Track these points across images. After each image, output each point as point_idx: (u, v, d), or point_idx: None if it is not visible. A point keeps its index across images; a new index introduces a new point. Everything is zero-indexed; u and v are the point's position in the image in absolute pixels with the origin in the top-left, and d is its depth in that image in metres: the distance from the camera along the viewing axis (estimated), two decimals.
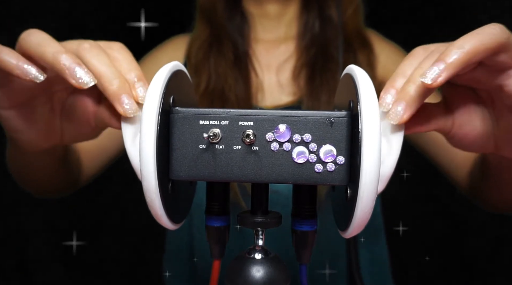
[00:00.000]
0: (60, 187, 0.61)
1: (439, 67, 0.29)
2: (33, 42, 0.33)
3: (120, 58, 0.35)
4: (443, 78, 0.29)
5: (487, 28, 0.31)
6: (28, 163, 0.51)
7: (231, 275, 0.34)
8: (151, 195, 0.30)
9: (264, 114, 0.31)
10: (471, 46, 0.29)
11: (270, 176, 0.31)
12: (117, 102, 0.33)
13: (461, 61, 0.29)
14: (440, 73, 0.29)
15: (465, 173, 0.62)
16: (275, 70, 0.71)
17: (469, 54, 0.29)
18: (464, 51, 0.29)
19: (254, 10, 0.74)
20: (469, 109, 0.35)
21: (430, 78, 0.29)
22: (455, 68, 0.29)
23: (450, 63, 0.29)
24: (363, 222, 0.30)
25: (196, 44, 0.72)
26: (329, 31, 0.70)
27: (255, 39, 0.74)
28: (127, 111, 0.33)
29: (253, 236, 0.35)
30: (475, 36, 0.30)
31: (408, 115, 0.31)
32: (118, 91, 0.33)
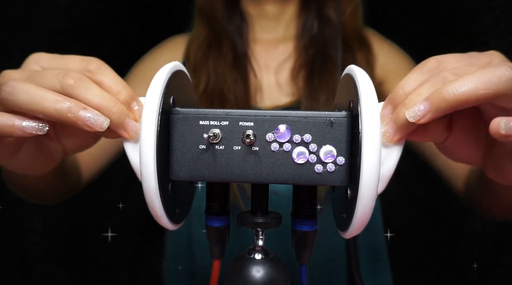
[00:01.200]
0: (60, 194, 0.61)
1: (424, 107, 0.29)
2: (23, 101, 0.31)
3: (105, 80, 0.34)
4: (425, 120, 0.29)
5: (490, 73, 0.28)
6: (27, 182, 0.50)
7: (231, 275, 0.34)
8: (151, 195, 0.30)
9: (264, 115, 0.31)
10: (463, 93, 0.28)
11: (270, 176, 0.31)
12: (122, 129, 0.32)
13: (448, 107, 0.29)
14: (423, 114, 0.29)
15: (462, 181, 0.62)
16: (273, 70, 0.71)
17: (457, 101, 0.28)
18: (453, 98, 0.28)
19: (252, 11, 0.74)
20: (467, 128, 0.34)
21: (412, 117, 0.29)
22: (440, 112, 0.29)
23: (436, 108, 0.29)
24: (363, 222, 0.30)
25: (195, 44, 0.72)
26: (327, 32, 0.70)
27: (253, 39, 0.74)
28: (132, 134, 0.32)
29: (253, 236, 0.35)
30: (472, 81, 0.28)
31: (398, 138, 0.31)
32: (120, 118, 0.32)
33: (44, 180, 0.50)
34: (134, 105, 0.33)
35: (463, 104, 0.28)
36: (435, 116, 0.29)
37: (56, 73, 0.32)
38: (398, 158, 0.31)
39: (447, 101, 0.28)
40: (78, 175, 0.63)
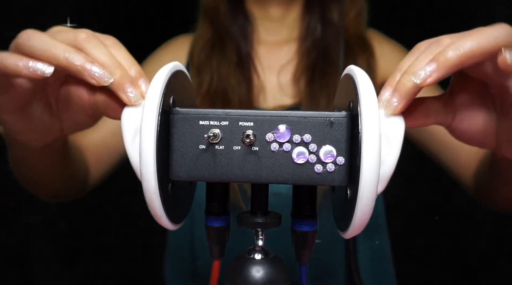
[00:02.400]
0: (67, 189, 0.61)
1: (430, 67, 0.29)
2: (38, 47, 0.33)
3: (117, 54, 0.35)
4: (432, 79, 0.30)
5: (489, 30, 0.30)
6: (31, 162, 0.51)
7: (231, 275, 0.34)
8: (151, 195, 0.30)
9: (264, 115, 0.31)
10: (467, 49, 0.29)
11: (270, 176, 0.31)
12: (121, 91, 0.33)
13: (454, 63, 0.29)
14: (430, 74, 0.30)
15: (471, 173, 0.62)
16: (276, 72, 0.71)
17: (463, 57, 0.29)
18: (459, 54, 0.29)
19: (256, 12, 0.74)
20: (473, 104, 0.35)
21: (419, 78, 0.30)
22: (447, 69, 0.29)
23: (442, 65, 0.29)
24: (363, 222, 0.30)
25: (199, 45, 0.73)
26: (330, 35, 0.70)
27: (257, 40, 0.74)
28: (131, 99, 0.33)
29: (253, 236, 0.35)
30: (474, 37, 0.29)
31: (402, 106, 0.31)
32: (121, 80, 0.33)
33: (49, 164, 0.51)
34: (141, 83, 0.34)
35: (468, 60, 0.29)
36: (442, 75, 0.29)
37: (71, 31, 0.35)
38: (397, 157, 0.31)
39: (452, 58, 0.29)
40: (85, 175, 0.63)
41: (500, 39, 0.29)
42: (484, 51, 0.29)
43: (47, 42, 0.33)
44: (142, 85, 0.34)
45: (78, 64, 0.32)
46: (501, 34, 0.30)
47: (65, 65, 0.32)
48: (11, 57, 0.32)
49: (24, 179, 0.57)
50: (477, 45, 0.29)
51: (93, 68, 0.32)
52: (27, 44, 0.33)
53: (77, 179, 0.61)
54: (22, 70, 0.32)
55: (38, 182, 0.58)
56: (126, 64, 0.35)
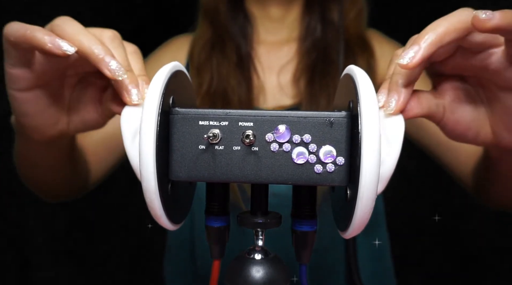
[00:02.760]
0: (68, 188, 0.61)
1: (413, 49, 0.31)
2: (68, 31, 0.35)
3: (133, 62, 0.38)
4: (417, 58, 0.31)
5: (458, 12, 0.32)
6: (33, 159, 0.51)
7: (231, 276, 0.34)
8: (151, 195, 0.30)
9: (263, 115, 0.31)
10: (442, 28, 0.31)
11: (269, 176, 0.31)
12: (124, 90, 0.35)
13: (434, 41, 0.31)
14: (415, 55, 0.31)
15: (469, 171, 0.62)
16: (276, 72, 0.71)
17: (440, 35, 0.31)
18: (437, 33, 0.31)
19: (256, 12, 0.74)
20: (458, 97, 0.36)
21: (406, 59, 0.31)
22: (429, 48, 0.31)
23: (424, 44, 0.31)
24: (363, 222, 0.30)
25: (199, 45, 0.72)
26: (330, 35, 0.70)
27: (257, 40, 0.74)
28: (133, 100, 0.34)
29: (253, 236, 0.35)
30: (446, 19, 0.32)
31: (402, 102, 0.33)
32: (127, 81, 0.35)
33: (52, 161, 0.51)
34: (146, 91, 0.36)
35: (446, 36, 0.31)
36: (427, 53, 0.31)
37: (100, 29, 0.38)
38: (397, 157, 0.31)
39: (431, 38, 0.31)
40: (86, 174, 0.63)
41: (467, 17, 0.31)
42: (457, 28, 0.31)
43: (78, 29, 0.35)
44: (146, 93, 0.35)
45: (99, 54, 0.34)
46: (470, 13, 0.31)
47: (87, 52, 0.34)
48: (41, 31, 0.34)
49: (25, 176, 0.57)
50: (450, 23, 0.31)
51: (111, 62, 0.34)
52: (60, 26, 0.35)
53: (78, 179, 0.61)
54: (47, 43, 0.33)
55: (40, 180, 0.58)
56: (137, 73, 0.37)
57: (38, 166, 0.53)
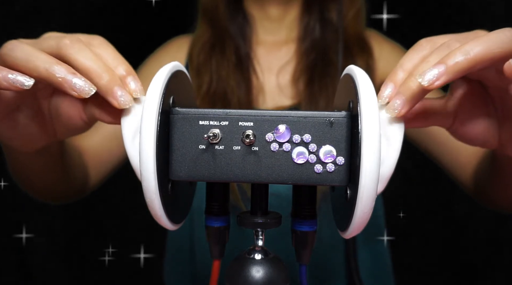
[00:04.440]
0: (65, 191, 0.61)
1: (439, 69, 0.29)
2: (19, 58, 0.32)
3: (103, 54, 0.34)
4: (440, 82, 0.29)
5: (499, 34, 0.29)
6: (25, 165, 0.50)
7: (231, 276, 0.34)
8: (151, 195, 0.30)
9: (263, 115, 0.31)
10: (477, 54, 0.29)
11: (269, 176, 0.31)
12: (110, 96, 0.32)
13: (464, 67, 0.29)
14: (438, 77, 0.29)
15: (469, 172, 0.62)
16: (275, 72, 0.71)
17: (473, 61, 0.29)
18: (469, 58, 0.28)
19: (255, 13, 0.74)
20: (474, 106, 0.35)
21: (427, 80, 0.29)
22: (456, 73, 0.29)
23: (451, 69, 0.29)
24: (363, 222, 0.30)
25: (198, 45, 0.72)
26: (329, 35, 0.70)
27: (256, 41, 0.74)
28: (121, 103, 0.32)
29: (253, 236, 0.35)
30: (484, 42, 0.29)
31: (406, 110, 0.31)
32: (109, 84, 0.32)
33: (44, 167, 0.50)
34: (130, 80, 0.33)
35: (478, 64, 0.29)
36: (450, 79, 0.29)
37: (56, 36, 0.34)
38: (397, 157, 0.31)
39: (462, 63, 0.28)
40: (85, 177, 0.63)
41: (507, 44, 0.29)
42: (493, 56, 0.29)
43: (29, 52, 0.32)
44: (131, 83, 0.33)
45: (59, 76, 0.31)
46: (507, 38, 0.29)
47: (45, 77, 0.32)
48: None
49: (20, 182, 0.57)
50: (487, 50, 0.29)
51: (74, 80, 0.31)
52: (10, 55, 0.32)
53: (76, 182, 0.61)
54: (1, 82, 0.31)
55: (35, 185, 0.57)
56: (113, 63, 0.34)
57: (30, 172, 0.52)
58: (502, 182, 0.50)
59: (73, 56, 0.33)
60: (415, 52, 0.33)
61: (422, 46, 0.33)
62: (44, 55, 0.32)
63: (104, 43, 0.36)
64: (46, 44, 0.34)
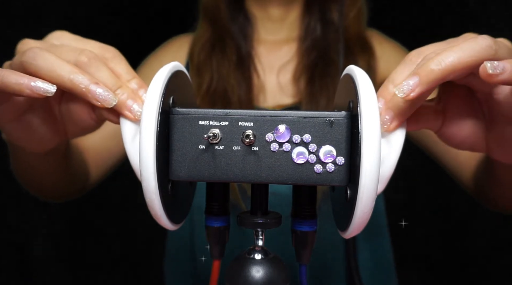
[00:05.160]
0: (67, 190, 0.61)
1: (413, 81, 0.30)
2: (43, 66, 0.33)
3: (117, 68, 0.36)
4: (415, 93, 0.30)
5: (471, 43, 0.30)
6: (32, 165, 0.50)
7: (230, 275, 0.34)
8: (151, 195, 0.30)
9: (263, 115, 0.31)
10: (449, 63, 0.29)
11: (269, 176, 0.31)
12: (125, 109, 0.33)
13: (436, 77, 0.29)
14: (413, 88, 0.30)
15: (470, 173, 0.62)
16: (276, 71, 0.71)
17: (445, 71, 0.29)
18: (441, 68, 0.29)
19: (256, 12, 0.74)
20: (461, 110, 0.35)
21: (403, 92, 0.30)
22: (430, 84, 0.29)
23: (425, 79, 0.29)
24: (363, 222, 0.30)
25: (199, 44, 0.73)
26: (330, 35, 0.70)
27: (257, 40, 0.74)
28: (137, 115, 0.33)
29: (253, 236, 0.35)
30: (456, 52, 0.29)
31: (395, 125, 0.31)
32: (124, 99, 0.33)
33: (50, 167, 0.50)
34: (142, 93, 0.35)
35: (451, 74, 0.29)
36: (425, 89, 0.30)
37: (73, 49, 0.35)
38: (397, 157, 0.31)
39: (434, 72, 0.29)
40: (85, 175, 0.63)
41: (481, 52, 0.29)
42: (466, 65, 0.29)
43: (52, 62, 0.33)
44: (143, 96, 0.34)
45: (83, 86, 0.32)
46: (482, 46, 0.30)
47: (69, 87, 0.32)
48: (13, 75, 0.32)
49: (24, 181, 0.57)
50: (459, 59, 0.29)
51: (98, 90, 0.32)
52: (33, 63, 0.33)
53: (77, 180, 0.61)
54: (24, 90, 0.32)
55: (38, 184, 0.58)
56: (126, 77, 0.35)
57: (36, 171, 0.52)
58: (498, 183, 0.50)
59: (91, 74, 0.34)
60: (404, 66, 0.33)
61: (411, 60, 0.33)
62: (67, 65, 0.33)
63: (118, 56, 0.37)
64: (63, 57, 0.34)
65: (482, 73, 0.29)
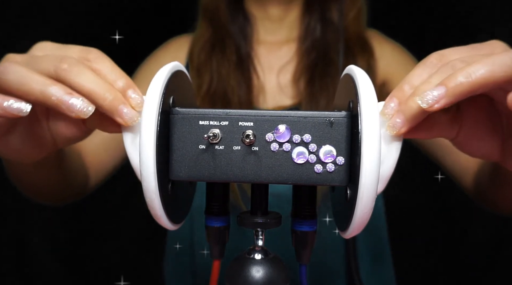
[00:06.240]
0: (65, 194, 0.60)
1: (439, 92, 0.28)
2: (13, 81, 0.31)
3: (102, 69, 0.33)
4: (440, 105, 0.28)
5: (505, 57, 0.28)
6: (25, 174, 0.50)
7: (231, 275, 0.34)
8: (151, 195, 0.30)
9: (264, 115, 0.31)
10: (479, 77, 0.28)
11: (269, 176, 0.31)
12: (116, 114, 0.31)
13: (464, 91, 0.28)
14: (438, 100, 0.28)
15: (471, 175, 0.62)
16: (276, 72, 0.71)
17: (475, 85, 0.28)
18: (471, 81, 0.28)
19: (256, 12, 0.74)
20: (480, 120, 0.33)
21: (426, 103, 0.28)
22: (456, 97, 0.28)
23: (452, 91, 0.28)
24: (363, 222, 0.30)
25: (199, 45, 0.73)
26: (330, 35, 0.70)
27: (257, 40, 0.74)
28: (128, 121, 0.32)
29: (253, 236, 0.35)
30: (488, 64, 0.28)
31: (406, 129, 0.30)
32: (114, 104, 0.31)
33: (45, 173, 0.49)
34: (131, 93, 0.32)
35: (480, 88, 0.28)
36: (451, 102, 0.28)
37: (53, 57, 0.32)
38: (397, 157, 0.31)
39: (463, 85, 0.28)
40: (85, 178, 0.63)
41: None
42: (496, 80, 0.28)
43: (23, 75, 0.31)
44: (132, 96, 0.32)
45: (55, 98, 0.30)
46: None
47: (41, 100, 0.30)
48: None
49: (19, 187, 0.56)
50: (490, 74, 0.28)
51: (71, 101, 0.30)
52: (3, 78, 0.31)
53: (76, 183, 0.61)
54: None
55: (34, 190, 0.57)
56: (112, 77, 0.33)
57: (27, 178, 0.52)
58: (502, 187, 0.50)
59: (73, 80, 0.31)
60: (423, 68, 0.31)
61: (431, 63, 0.31)
62: (38, 77, 0.31)
63: (101, 57, 0.34)
64: (43, 67, 0.32)
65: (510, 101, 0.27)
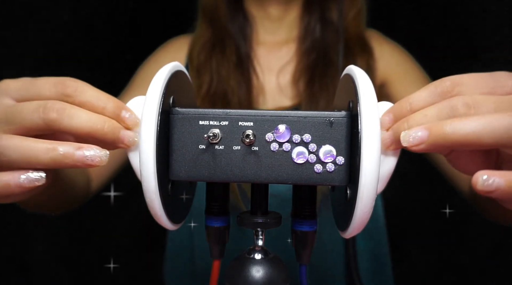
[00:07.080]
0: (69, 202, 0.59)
1: (422, 135, 0.27)
2: (16, 159, 0.29)
3: (87, 100, 0.31)
4: (418, 149, 0.27)
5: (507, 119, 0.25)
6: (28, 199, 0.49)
7: (231, 275, 0.34)
8: (151, 195, 0.30)
9: (263, 115, 0.31)
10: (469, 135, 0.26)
11: (269, 176, 0.31)
12: (119, 142, 0.31)
13: (445, 143, 0.26)
14: (418, 143, 0.27)
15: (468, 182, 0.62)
16: (276, 73, 0.71)
17: (456, 142, 0.26)
18: (454, 137, 0.26)
19: (256, 12, 0.74)
20: None
21: (407, 142, 0.28)
22: (436, 147, 0.27)
23: (433, 140, 0.27)
24: (363, 222, 0.30)
25: (198, 45, 0.73)
26: (330, 35, 0.70)
27: (256, 41, 0.74)
28: (130, 143, 0.32)
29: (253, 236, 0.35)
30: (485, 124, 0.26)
31: (394, 148, 0.30)
32: (114, 133, 0.31)
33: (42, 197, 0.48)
34: (124, 114, 0.32)
35: (462, 146, 0.26)
36: (429, 149, 0.27)
37: (34, 108, 0.30)
38: (397, 157, 0.31)
39: (445, 139, 0.26)
40: (87, 183, 0.63)
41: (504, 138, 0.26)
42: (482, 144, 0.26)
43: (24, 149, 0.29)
44: (126, 116, 0.32)
45: (68, 161, 0.29)
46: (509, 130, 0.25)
47: (54, 166, 0.29)
48: None
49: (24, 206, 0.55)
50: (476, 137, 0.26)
51: (85, 153, 0.29)
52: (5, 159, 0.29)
53: (79, 191, 0.60)
54: (15, 189, 0.29)
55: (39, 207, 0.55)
56: (100, 105, 0.31)
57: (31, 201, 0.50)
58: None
59: (68, 127, 0.30)
60: (432, 91, 0.30)
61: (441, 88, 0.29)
62: (40, 144, 0.29)
63: (80, 87, 0.32)
64: (29, 121, 0.30)
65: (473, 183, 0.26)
